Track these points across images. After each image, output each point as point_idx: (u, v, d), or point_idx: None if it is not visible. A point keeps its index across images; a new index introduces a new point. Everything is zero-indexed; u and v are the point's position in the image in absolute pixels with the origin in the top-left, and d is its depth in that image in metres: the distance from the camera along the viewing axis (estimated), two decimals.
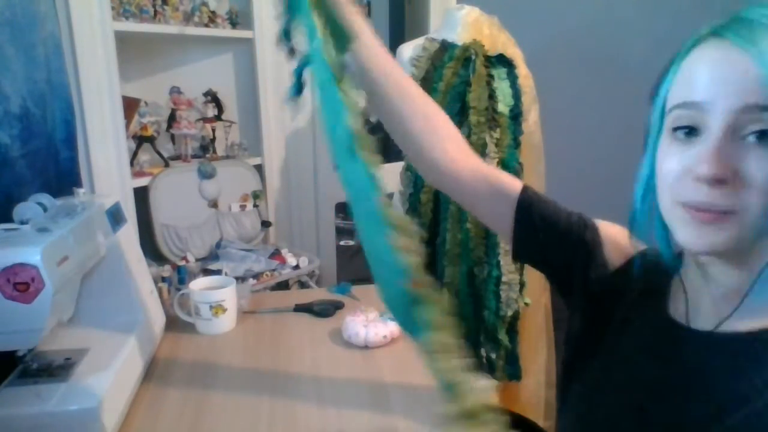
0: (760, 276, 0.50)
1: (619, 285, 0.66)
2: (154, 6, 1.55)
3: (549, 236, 0.71)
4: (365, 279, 0.87)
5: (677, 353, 0.56)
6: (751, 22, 0.47)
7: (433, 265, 1.44)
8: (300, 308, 1.19)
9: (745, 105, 0.46)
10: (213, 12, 1.70)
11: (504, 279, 1.39)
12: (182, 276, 1.50)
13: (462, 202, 0.78)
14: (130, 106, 1.62)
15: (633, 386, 0.58)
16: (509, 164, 1.39)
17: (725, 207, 0.47)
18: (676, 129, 0.52)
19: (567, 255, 0.70)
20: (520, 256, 0.76)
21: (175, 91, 1.73)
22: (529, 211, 0.72)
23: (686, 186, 0.50)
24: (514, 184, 0.72)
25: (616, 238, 0.69)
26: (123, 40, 1.47)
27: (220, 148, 1.91)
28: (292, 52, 0.66)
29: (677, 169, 0.51)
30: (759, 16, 0.47)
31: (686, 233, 0.51)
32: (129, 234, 1.00)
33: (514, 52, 1.47)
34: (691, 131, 0.50)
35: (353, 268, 2.44)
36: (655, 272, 0.63)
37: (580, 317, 0.69)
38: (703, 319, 0.56)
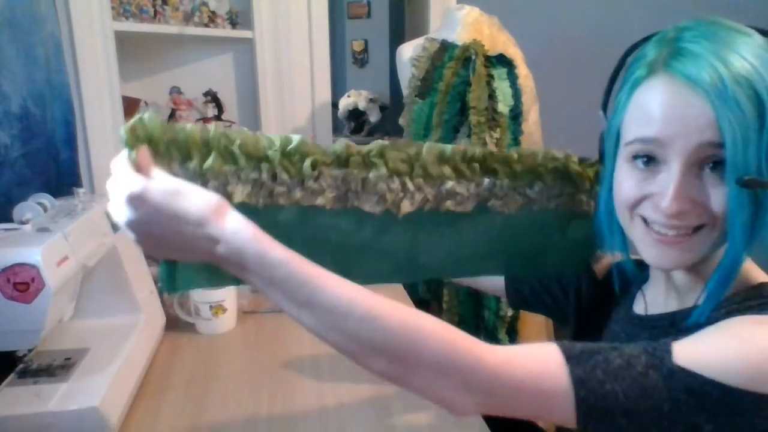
0: (712, 278, 0.53)
1: (604, 294, 0.72)
2: (154, 6, 1.55)
3: (541, 286, 0.78)
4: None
5: (631, 339, 0.60)
6: (698, 57, 0.49)
7: None
8: None
9: (701, 143, 0.49)
10: (213, 12, 1.69)
11: None
12: None
13: None
14: (130, 106, 1.62)
15: None
16: None
17: (687, 227, 0.51)
18: (635, 158, 0.54)
19: (561, 287, 0.76)
20: (517, 307, 0.81)
21: (175, 91, 1.73)
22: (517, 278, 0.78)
23: (646, 207, 0.54)
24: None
25: (604, 257, 0.74)
26: (123, 40, 1.47)
27: None
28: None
29: (636, 194, 0.54)
30: (703, 50, 0.49)
31: (650, 254, 0.55)
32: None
33: (514, 52, 1.47)
34: (649, 161, 0.53)
35: None
36: (628, 279, 0.69)
37: (574, 329, 0.75)
38: (662, 308, 0.61)
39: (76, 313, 0.88)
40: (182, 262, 0.52)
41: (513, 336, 1.44)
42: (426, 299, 1.51)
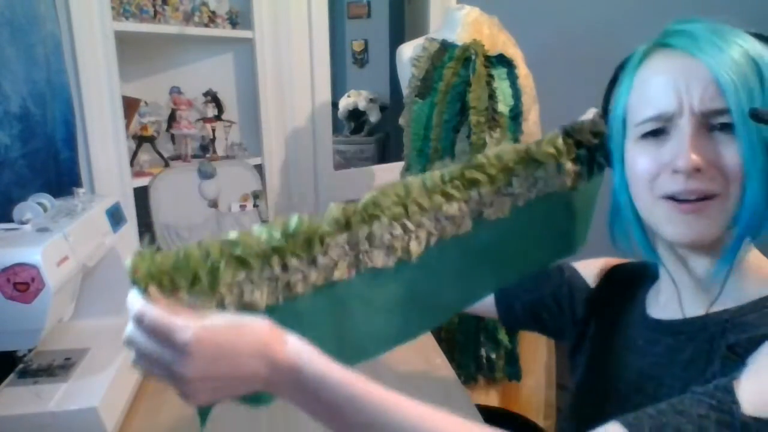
0: (724, 257, 0.53)
1: (601, 299, 0.72)
2: (154, 6, 1.55)
3: (533, 302, 0.78)
4: None
5: (651, 345, 0.60)
6: (692, 33, 0.51)
7: None
8: None
9: (708, 110, 0.50)
10: (213, 12, 1.69)
11: None
12: None
13: None
14: (130, 106, 1.62)
15: (619, 378, 0.62)
16: None
17: (705, 192, 0.51)
18: (645, 135, 0.55)
19: (555, 299, 0.76)
20: (510, 326, 0.81)
21: (175, 91, 1.73)
22: (508, 295, 0.79)
23: (664, 180, 0.53)
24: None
25: (588, 262, 0.76)
26: (123, 40, 1.47)
27: (220, 148, 1.90)
28: None
29: (652, 168, 0.54)
30: (696, 29, 0.52)
31: (672, 227, 0.54)
32: (129, 234, 1.00)
33: (514, 52, 1.47)
34: (659, 132, 0.54)
35: None
36: (631, 282, 0.69)
37: (572, 342, 0.75)
38: (686, 310, 0.59)
39: (76, 313, 0.88)
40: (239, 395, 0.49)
41: (513, 336, 1.44)
42: None
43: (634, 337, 0.64)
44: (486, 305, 0.81)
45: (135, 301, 0.44)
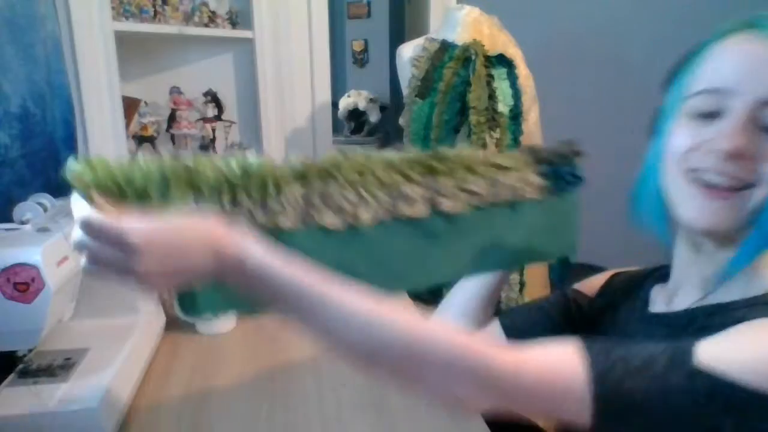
0: (739, 256, 0.53)
1: (601, 304, 0.73)
2: (154, 6, 1.55)
3: (549, 332, 0.77)
4: None
5: (648, 339, 0.59)
6: None
7: None
8: None
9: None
10: (213, 12, 1.69)
11: None
12: None
13: None
14: (130, 106, 1.62)
15: None
16: None
17: (738, 177, 0.50)
18: (695, 112, 0.53)
19: (569, 327, 0.75)
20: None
21: (175, 91, 1.73)
22: (514, 324, 0.77)
23: (697, 156, 0.53)
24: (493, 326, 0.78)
25: (589, 278, 0.77)
26: (123, 40, 1.47)
27: (220, 148, 1.90)
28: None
29: (688, 143, 0.53)
30: None
31: (692, 208, 0.54)
32: None
33: (514, 52, 1.47)
34: (709, 114, 0.52)
35: None
36: (633, 284, 0.69)
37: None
38: (683, 301, 0.59)
39: (76, 313, 0.88)
40: (192, 285, 0.52)
41: None
42: (426, 299, 1.51)
43: (632, 333, 0.64)
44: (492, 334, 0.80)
45: (79, 206, 0.46)
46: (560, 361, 0.46)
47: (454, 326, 0.48)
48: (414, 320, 0.47)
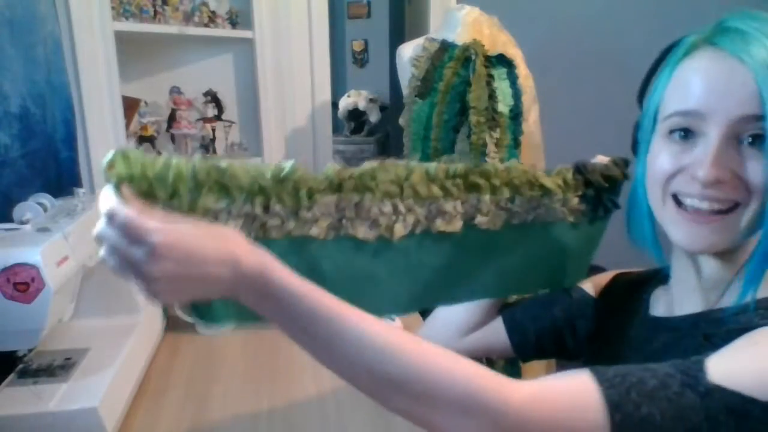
0: (745, 268, 0.52)
1: (604, 306, 0.73)
2: (154, 6, 1.55)
3: (547, 327, 0.77)
4: None
5: (649, 342, 0.60)
6: (745, 33, 0.49)
7: None
8: None
9: (743, 115, 0.48)
10: (213, 12, 1.69)
11: None
12: None
13: None
14: (130, 106, 1.62)
15: None
16: None
17: (720, 200, 0.50)
18: (672, 132, 0.53)
19: (569, 325, 0.75)
20: (525, 355, 0.79)
21: (175, 91, 1.73)
22: (515, 318, 0.77)
23: (680, 181, 0.52)
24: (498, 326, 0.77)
25: (593, 278, 0.76)
26: (123, 40, 1.47)
27: (220, 148, 1.90)
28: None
29: (671, 167, 0.53)
30: (749, 27, 0.49)
31: (682, 234, 0.54)
32: None
33: (514, 52, 1.47)
34: (687, 134, 0.52)
35: None
36: (635, 287, 0.69)
37: (586, 358, 0.75)
38: (686, 308, 0.59)
39: (76, 313, 0.88)
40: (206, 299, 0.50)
41: None
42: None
43: (633, 336, 0.64)
44: (499, 340, 0.79)
45: (108, 198, 0.46)
46: (576, 392, 0.45)
47: (467, 360, 0.46)
48: (431, 352, 0.46)
